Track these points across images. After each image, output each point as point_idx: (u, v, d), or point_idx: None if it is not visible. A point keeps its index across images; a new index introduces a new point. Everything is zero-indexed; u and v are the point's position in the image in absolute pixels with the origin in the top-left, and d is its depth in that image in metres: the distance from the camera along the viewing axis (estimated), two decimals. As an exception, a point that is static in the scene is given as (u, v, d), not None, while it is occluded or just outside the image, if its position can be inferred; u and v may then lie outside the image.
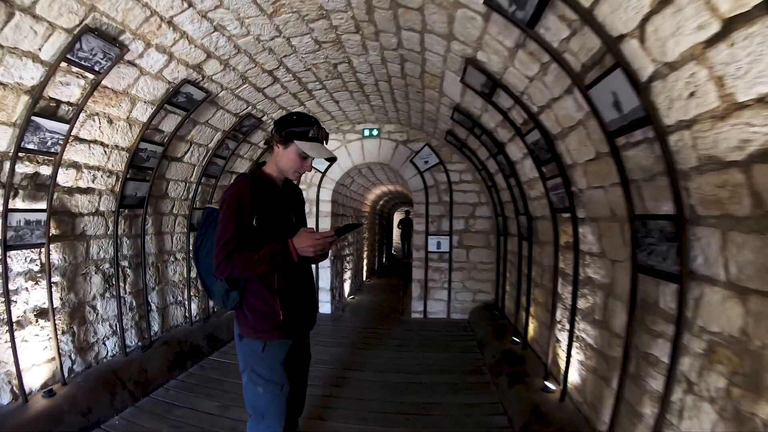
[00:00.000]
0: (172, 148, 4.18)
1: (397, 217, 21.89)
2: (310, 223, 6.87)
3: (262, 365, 1.89)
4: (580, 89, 2.09)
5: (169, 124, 3.86)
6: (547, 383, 3.52)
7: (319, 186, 6.82)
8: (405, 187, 8.36)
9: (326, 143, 1.97)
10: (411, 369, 4.54)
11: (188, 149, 4.41)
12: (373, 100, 5.24)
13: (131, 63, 3.03)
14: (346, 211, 8.10)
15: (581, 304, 3.17)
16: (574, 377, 3.22)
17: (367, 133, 6.60)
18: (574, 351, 3.25)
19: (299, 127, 1.88)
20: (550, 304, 3.82)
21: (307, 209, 6.82)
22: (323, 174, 6.80)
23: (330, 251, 6.41)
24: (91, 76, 2.87)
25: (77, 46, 2.62)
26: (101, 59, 2.78)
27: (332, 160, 1.95)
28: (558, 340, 3.61)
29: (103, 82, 3.00)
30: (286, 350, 1.94)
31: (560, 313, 3.59)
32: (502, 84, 3.03)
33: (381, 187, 9.89)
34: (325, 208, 6.84)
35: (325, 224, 6.84)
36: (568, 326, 3.36)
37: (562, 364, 3.41)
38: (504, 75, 2.99)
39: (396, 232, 21.91)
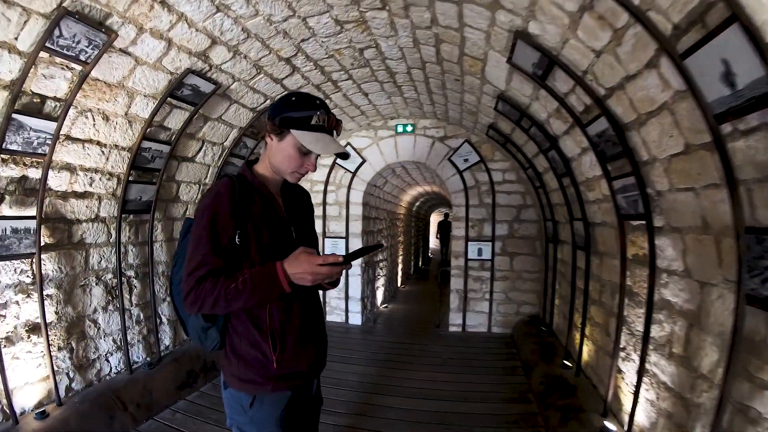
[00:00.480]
0: (182, 147, 3.97)
1: (435, 218, 21.91)
2: (339, 227, 6.72)
3: (250, 425, 1.52)
4: (671, 59, 1.60)
5: (175, 120, 3.64)
6: (606, 423, 3.08)
7: (349, 187, 6.67)
8: (443, 188, 8.17)
9: (337, 134, 1.57)
10: (447, 395, 4.15)
11: (200, 148, 4.19)
12: (406, 91, 4.99)
13: (124, 51, 2.79)
14: (380, 214, 7.97)
15: (655, 331, 2.72)
16: (641, 419, 2.82)
17: (400, 129, 6.42)
18: (642, 388, 2.82)
19: (297, 112, 1.49)
20: (612, 327, 3.38)
21: (336, 212, 6.72)
22: (354, 174, 6.64)
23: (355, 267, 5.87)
24: (78, 68, 2.64)
25: (56, 32, 2.37)
26: (86, 47, 2.54)
27: (343, 156, 1.59)
28: (621, 371, 3.18)
29: (93, 74, 2.77)
30: (284, 404, 1.56)
31: (625, 339, 3.15)
32: (559, 62, 2.58)
33: (417, 187, 9.79)
34: (356, 210, 6.69)
35: (356, 229, 6.70)
36: (635, 357, 2.95)
37: (626, 402, 3.03)
38: (562, 50, 2.55)
39: (433, 233, 21.87)
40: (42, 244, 2.94)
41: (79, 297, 3.32)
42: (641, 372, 2.82)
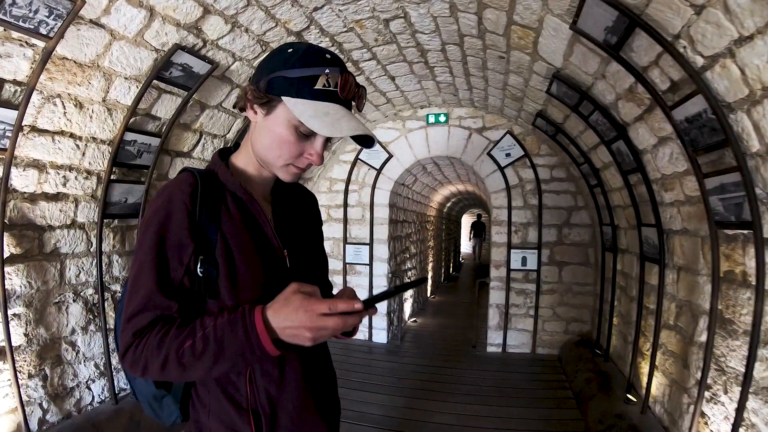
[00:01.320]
0: (175, 141, 3.72)
1: (467, 220, 22.22)
2: (362, 232, 6.52)
3: None
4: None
5: (165, 107, 3.39)
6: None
7: (373, 187, 6.56)
8: (480, 187, 8.06)
9: (358, 109, 1.19)
10: (487, 435, 3.79)
11: (197, 141, 3.94)
12: (440, 73, 4.76)
13: (95, 23, 2.53)
14: (408, 216, 7.87)
15: (758, 371, 2.30)
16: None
17: (432, 119, 6.27)
18: (741, 442, 2.41)
19: (294, 70, 1.09)
20: (693, 359, 3.02)
21: (359, 215, 6.59)
22: (379, 171, 6.52)
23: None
24: (40, 43, 2.38)
25: (8, 0, 2.09)
26: (47, 17, 2.29)
27: (366, 143, 1.18)
28: (704, 415, 2.79)
29: (59, 51, 2.51)
30: None
31: (712, 377, 2.75)
32: (642, 23, 2.13)
33: (449, 186, 9.73)
34: (381, 213, 6.59)
35: (382, 234, 6.58)
36: (725, 399, 2.57)
37: (713, 457, 2.59)
38: (647, 8, 2.13)
39: (465, 235, 22.34)
40: (6, 255, 2.74)
41: (54, 316, 3.13)
42: (737, 421, 2.39)
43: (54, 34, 2.36)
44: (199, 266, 1.09)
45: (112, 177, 3.28)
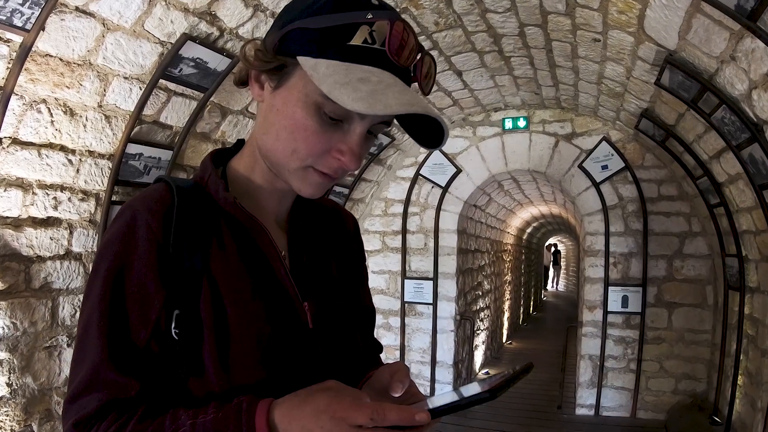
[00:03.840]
0: (191, 153, 3.72)
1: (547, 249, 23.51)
2: (425, 264, 6.50)
3: None
4: None
5: (177, 113, 3.39)
6: None
7: (438, 209, 6.51)
8: (568, 208, 8.21)
9: (422, 91, 0.97)
10: None
11: None
12: (518, 65, 4.76)
13: (82, 11, 2.49)
14: (480, 245, 7.86)
15: None
16: None
17: (509, 124, 6.23)
18: None
19: (321, 17, 0.87)
20: None
21: (420, 243, 6.61)
22: (445, 189, 6.48)
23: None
24: (16, 38, 2.35)
25: None
26: (20, 5, 2.24)
27: (434, 141, 0.94)
28: None
29: (40, 47, 2.47)
30: None
31: None
32: None
33: (530, 208, 9.81)
34: (448, 241, 6.53)
35: (448, 266, 6.52)
36: None
37: None
38: None
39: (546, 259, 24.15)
40: (-19, 292, 2.75)
41: (43, 363, 3.11)
42: None
43: (32, 26, 2.30)
44: (173, 325, 0.92)
45: (114, 198, 3.26)
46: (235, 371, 0.93)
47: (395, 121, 0.96)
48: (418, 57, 0.92)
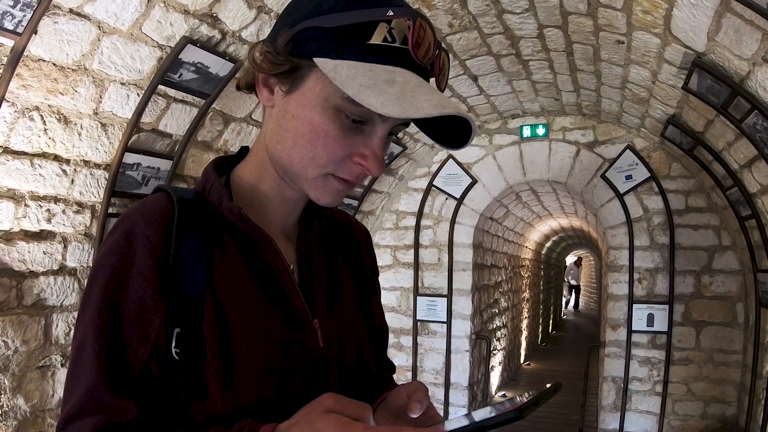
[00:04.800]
0: (192, 163, 3.74)
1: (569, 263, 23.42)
2: (439, 280, 6.51)
3: None
4: None
5: (177, 121, 3.41)
6: None
7: (452, 222, 6.49)
8: (590, 221, 8.24)
9: (441, 78, 0.96)
10: None
11: None
12: (536, 69, 4.78)
13: (76, 13, 2.51)
14: (497, 260, 7.85)
15: None
16: None
17: (527, 132, 6.24)
18: None
19: (336, 15, 0.87)
20: None
21: (434, 258, 6.59)
22: (459, 201, 6.48)
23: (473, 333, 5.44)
24: (7, 42, 2.36)
25: None
26: (11, 7, 2.26)
27: (458, 141, 0.94)
28: None
29: (33, 51, 2.49)
30: None
31: None
32: None
33: (549, 221, 9.86)
34: (463, 256, 6.52)
35: (463, 283, 6.49)
36: None
37: None
38: None
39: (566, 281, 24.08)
40: (-32, 308, 2.78)
41: (36, 384, 3.12)
42: None
43: (23, 30, 2.32)
44: (174, 344, 0.90)
45: (110, 210, 3.27)
46: (239, 392, 0.92)
47: (412, 124, 0.96)
48: (435, 53, 0.92)
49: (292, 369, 0.97)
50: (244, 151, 1.11)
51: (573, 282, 21.13)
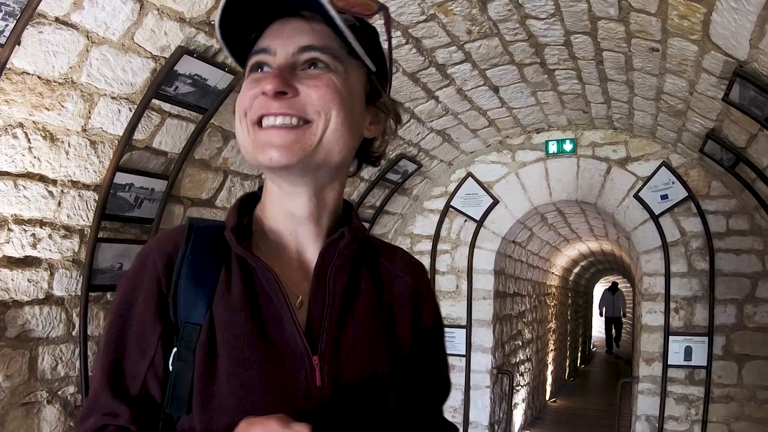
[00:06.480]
0: (189, 183, 3.78)
1: (600, 290, 21.73)
2: (457, 310, 6.51)
3: None
4: None
5: (172, 138, 3.45)
6: None
7: (472, 246, 6.51)
8: (622, 245, 8.13)
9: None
10: None
11: (221, 184, 4.09)
12: (563, 79, 4.82)
13: (63, 22, 2.53)
14: (521, 287, 7.89)
15: None
16: None
17: (553, 147, 6.27)
18: None
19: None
20: None
21: (451, 285, 6.62)
22: (479, 224, 6.49)
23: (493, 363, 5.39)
24: None
25: None
26: None
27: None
28: None
29: (16, 63, 2.50)
30: None
31: None
32: None
33: (577, 244, 9.98)
34: (484, 284, 6.54)
35: (484, 312, 6.50)
36: None
37: None
38: None
39: (596, 310, 22.04)
40: (-46, 340, 2.84)
41: (20, 422, 3.13)
42: None
43: (6, 40, 2.33)
44: (170, 361, 1.07)
45: (101, 235, 3.29)
46: (216, 417, 1.03)
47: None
48: None
49: (277, 403, 1.04)
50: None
51: (608, 314, 18.45)
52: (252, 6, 1.06)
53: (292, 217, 1.15)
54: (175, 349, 1.06)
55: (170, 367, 1.06)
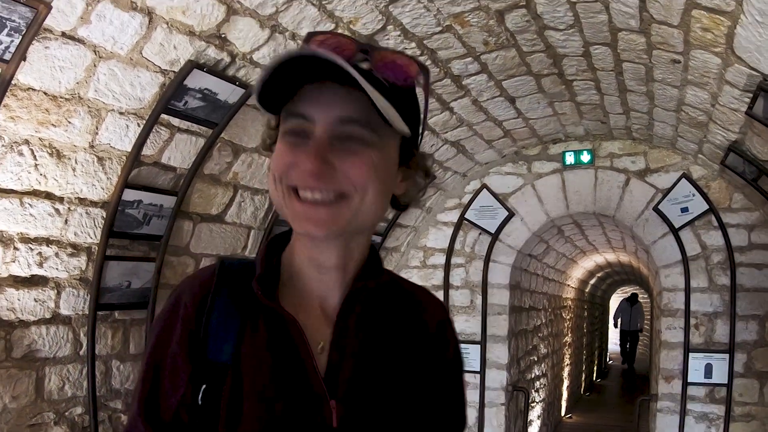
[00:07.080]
0: (198, 199, 3.81)
1: (616, 301, 21.32)
2: (471, 325, 6.49)
3: None
4: None
5: (181, 153, 3.48)
6: None
7: (486, 260, 6.50)
8: (641, 257, 8.11)
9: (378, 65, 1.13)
10: None
11: (231, 198, 4.12)
12: (581, 90, 4.85)
13: (70, 37, 2.55)
14: (536, 302, 7.89)
15: None
16: None
17: (570, 158, 6.28)
18: None
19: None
20: None
21: (466, 300, 6.61)
22: (495, 237, 6.48)
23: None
24: None
25: None
26: None
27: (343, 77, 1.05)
28: None
29: (22, 80, 2.53)
30: None
31: None
32: None
33: (593, 256, 9.99)
34: (499, 298, 6.53)
35: (499, 328, 6.50)
36: None
37: None
38: None
39: (612, 322, 21.51)
40: (-40, 360, 2.87)
41: None
42: None
43: (11, 56, 2.36)
44: (200, 397, 1.15)
45: (109, 252, 3.33)
46: None
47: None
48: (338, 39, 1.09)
49: None
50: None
51: (624, 327, 17.48)
52: (291, 73, 1.02)
53: (319, 267, 1.19)
54: (204, 386, 1.14)
55: (199, 399, 1.14)
